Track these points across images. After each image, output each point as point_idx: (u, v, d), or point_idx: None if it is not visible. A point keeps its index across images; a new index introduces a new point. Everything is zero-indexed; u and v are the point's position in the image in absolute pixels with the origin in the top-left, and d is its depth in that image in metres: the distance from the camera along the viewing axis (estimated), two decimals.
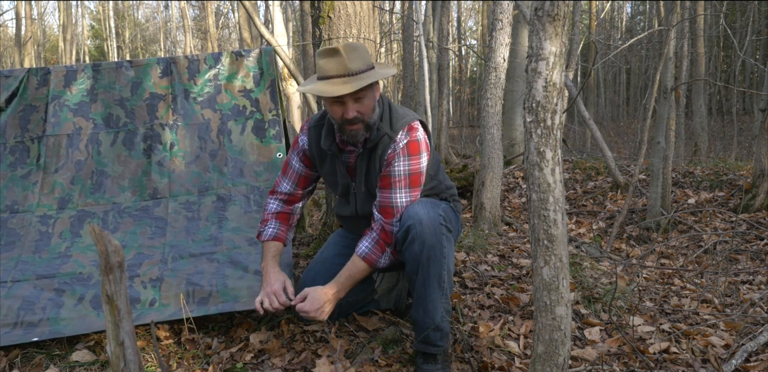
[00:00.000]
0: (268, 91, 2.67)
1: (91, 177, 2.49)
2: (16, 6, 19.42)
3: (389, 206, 1.96)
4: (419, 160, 1.97)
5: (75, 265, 2.24)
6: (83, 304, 2.13)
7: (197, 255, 2.28)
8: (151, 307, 2.12)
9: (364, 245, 1.97)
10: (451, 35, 18.73)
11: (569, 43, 7.38)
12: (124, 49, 27.31)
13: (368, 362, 2.03)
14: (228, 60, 2.72)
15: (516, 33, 7.46)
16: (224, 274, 2.21)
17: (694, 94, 11.73)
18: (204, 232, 2.36)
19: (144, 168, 2.53)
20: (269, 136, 2.59)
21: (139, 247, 2.32)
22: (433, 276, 1.91)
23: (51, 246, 2.30)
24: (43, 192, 2.45)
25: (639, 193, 5.76)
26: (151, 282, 2.18)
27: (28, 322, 2.06)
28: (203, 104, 2.66)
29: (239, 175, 2.51)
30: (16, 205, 2.42)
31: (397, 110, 2.03)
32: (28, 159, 2.54)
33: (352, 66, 1.87)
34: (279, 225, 2.16)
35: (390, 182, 1.95)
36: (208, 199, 2.45)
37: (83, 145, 2.55)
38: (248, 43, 12.59)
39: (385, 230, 1.96)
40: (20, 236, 2.33)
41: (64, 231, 2.35)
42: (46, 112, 2.60)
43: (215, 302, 2.13)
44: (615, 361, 2.15)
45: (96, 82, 2.69)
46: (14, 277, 2.20)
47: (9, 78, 2.65)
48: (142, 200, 2.46)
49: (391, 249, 1.97)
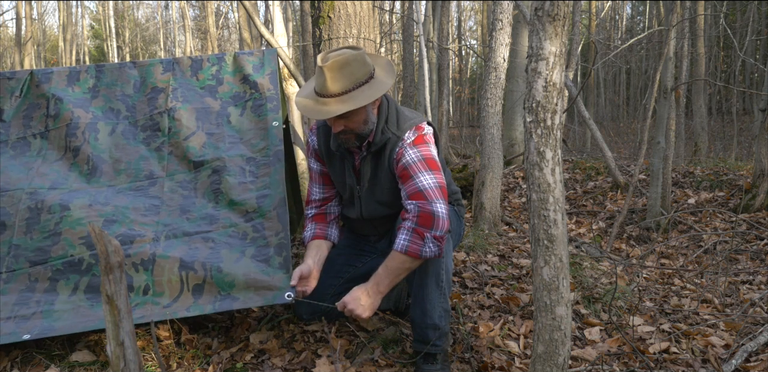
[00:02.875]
0: (268, 76, 2.66)
1: (87, 162, 2.46)
2: (16, 6, 19.42)
3: (418, 191, 1.87)
4: (429, 147, 1.96)
5: (65, 245, 2.19)
6: (77, 294, 2.09)
7: (192, 234, 2.22)
8: (145, 295, 2.07)
9: (401, 239, 1.85)
10: (451, 35, 18.74)
11: (569, 43, 7.38)
12: (124, 49, 27.31)
13: (368, 362, 2.03)
14: (231, 59, 2.72)
15: (516, 33, 7.46)
16: (219, 256, 2.14)
17: (694, 94, 11.73)
18: (199, 210, 2.30)
19: (142, 154, 2.50)
20: (266, 109, 2.56)
21: (131, 223, 2.25)
22: (431, 276, 1.91)
23: (41, 223, 2.25)
24: (38, 174, 2.43)
25: (639, 193, 5.76)
26: (142, 264, 2.12)
27: (21, 316, 2.03)
28: (204, 93, 2.65)
29: (235, 148, 2.48)
30: (8, 185, 2.38)
31: (405, 113, 2.03)
32: (29, 152, 2.53)
33: (335, 88, 1.84)
34: (316, 225, 2.20)
35: (409, 171, 1.91)
36: (204, 174, 2.40)
37: (80, 132, 2.52)
38: (248, 43, 12.57)
39: (423, 214, 1.83)
40: (10, 215, 2.30)
41: (53, 205, 2.28)
42: (47, 108, 2.59)
43: (210, 292, 2.06)
44: (615, 361, 2.15)
45: (98, 81, 2.68)
46: (8, 266, 2.17)
47: (12, 80, 2.64)
48: (137, 181, 2.43)
49: (434, 233, 1.82)
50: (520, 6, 5.78)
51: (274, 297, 1.99)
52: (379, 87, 1.91)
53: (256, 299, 2.00)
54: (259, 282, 2.02)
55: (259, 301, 2.00)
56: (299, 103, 1.94)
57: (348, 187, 2.12)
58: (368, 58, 1.94)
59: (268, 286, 2.01)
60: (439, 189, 1.88)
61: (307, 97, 1.94)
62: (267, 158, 2.39)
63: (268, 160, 2.39)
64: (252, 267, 2.09)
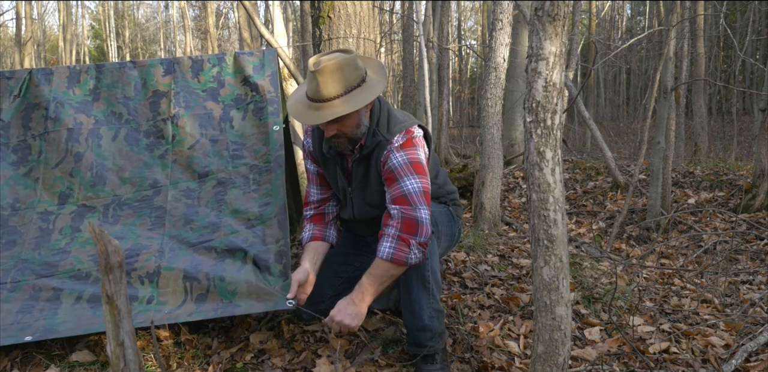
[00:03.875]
0: (269, 77, 2.66)
1: (91, 169, 2.47)
2: (16, 6, 19.42)
3: (402, 195, 1.87)
4: (416, 151, 1.94)
5: (74, 261, 2.22)
6: (80, 303, 2.11)
7: (195, 244, 2.25)
8: (149, 304, 2.10)
9: (385, 246, 1.84)
10: (451, 35, 18.74)
11: (569, 43, 7.38)
12: (124, 49, 27.31)
13: (368, 362, 2.03)
14: (231, 59, 2.72)
15: (516, 33, 7.46)
16: (222, 265, 2.17)
17: (694, 94, 11.72)
18: (203, 218, 2.33)
19: (146, 161, 2.51)
20: (267, 112, 2.56)
21: (137, 238, 2.29)
22: (416, 278, 1.91)
23: (51, 242, 2.29)
24: (44, 188, 2.44)
25: (639, 193, 5.76)
26: (148, 276, 2.15)
27: (23, 323, 2.05)
28: (206, 97, 2.66)
29: (239, 157, 2.49)
30: (17, 203, 2.41)
31: (396, 116, 2.02)
32: (30, 156, 2.53)
33: (327, 93, 1.83)
34: (314, 227, 2.19)
35: (394, 175, 1.91)
36: (209, 185, 2.42)
37: (83, 138, 2.53)
38: (248, 43, 12.57)
39: (407, 220, 1.84)
40: (21, 234, 2.32)
41: (64, 227, 2.33)
42: (47, 109, 2.59)
43: (213, 300, 2.09)
44: (615, 361, 2.15)
45: (99, 82, 2.68)
46: (14, 277, 2.19)
47: (11, 80, 2.64)
48: (142, 190, 2.44)
49: (418, 239, 1.83)
50: (520, 6, 5.78)
51: (276, 304, 2.01)
52: (372, 90, 1.90)
53: (257, 306, 2.03)
54: (260, 289, 2.05)
55: (261, 308, 2.02)
56: (291, 108, 1.94)
57: (341, 189, 2.12)
58: (360, 62, 1.93)
59: (269, 293, 2.04)
60: (423, 194, 1.87)
61: (299, 102, 1.93)
62: (268, 164, 2.41)
63: (269, 167, 2.41)
64: (253, 276, 2.11)
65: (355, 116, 1.90)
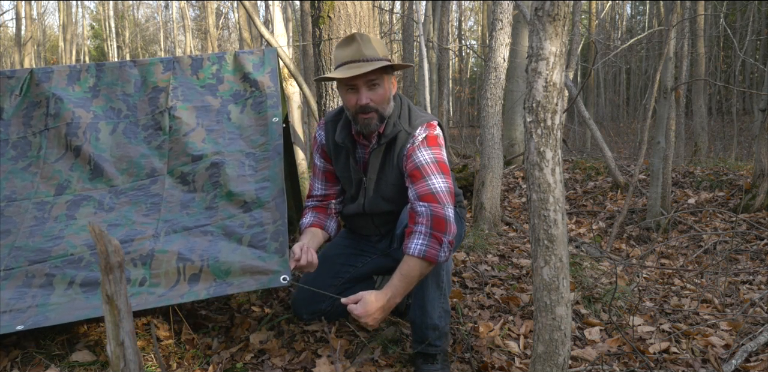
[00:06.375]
0: (268, 74, 2.67)
1: (89, 162, 2.47)
2: (16, 6, 19.42)
3: (430, 193, 1.86)
4: (440, 151, 1.98)
5: (67, 246, 2.19)
6: (73, 288, 2.08)
7: (191, 228, 2.22)
8: (141, 286, 2.06)
9: (417, 243, 1.80)
10: (451, 35, 18.74)
11: (569, 43, 7.38)
12: (124, 49, 27.30)
13: (368, 362, 2.03)
14: (231, 58, 2.73)
15: (516, 33, 7.46)
16: (217, 247, 2.12)
17: (694, 94, 11.72)
18: (199, 204, 2.31)
19: (143, 152, 2.50)
20: (266, 106, 2.56)
21: (132, 224, 2.26)
22: (431, 276, 1.90)
23: (45, 230, 2.26)
24: (42, 180, 2.43)
25: (639, 193, 5.76)
26: (141, 259, 2.11)
27: (16, 310, 2.03)
28: (204, 92, 2.66)
29: (234, 144, 2.48)
30: (14, 194, 2.40)
31: (416, 111, 2.06)
32: (30, 152, 2.53)
33: (367, 52, 1.91)
34: (315, 214, 2.20)
35: (421, 172, 1.91)
36: (202, 166, 2.39)
37: (81, 132, 2.52)
38: (248, 43, 12.57)
39: (436, 217, 1.81)
40: (16, 223, 2.31)
41: (59, 215, 2.30)
42: (47, 107, 2.59)
43: (206, 280, 2.03)
44: (615, 361, 2.15)
45: (99, 80, 2.68)
46: (7, 265, 2.17)
47: (12, 79, 2.64)
48: (139, 180, 2.43)
49: (448, 238, 1.81)
50: (520, 6, 5.78)
51: (270, 281, 1.95)
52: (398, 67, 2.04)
53: (250, 283, 1.97)
54: (254, 268, 1.99)
55: (254, 285, 1.96)
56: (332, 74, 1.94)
57: (354, 182, 2.11)
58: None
59: (263, 270, 1.98)
60: (449, 194, 1.89)
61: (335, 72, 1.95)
62: (266, 153, 2.39)
63: (267, 155, 2.38)
64: (248, 254, 2.06)
65: (387, 88, 1.97)
